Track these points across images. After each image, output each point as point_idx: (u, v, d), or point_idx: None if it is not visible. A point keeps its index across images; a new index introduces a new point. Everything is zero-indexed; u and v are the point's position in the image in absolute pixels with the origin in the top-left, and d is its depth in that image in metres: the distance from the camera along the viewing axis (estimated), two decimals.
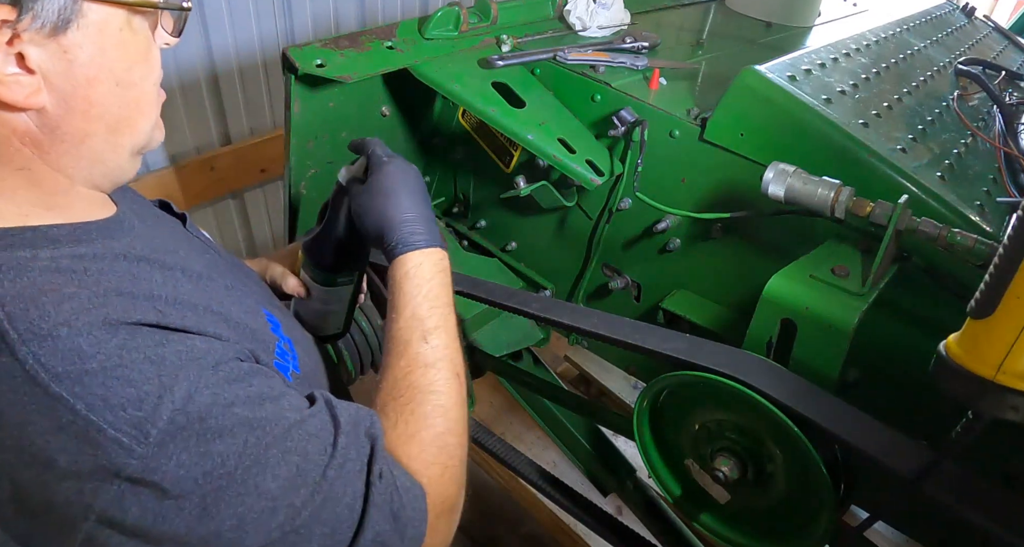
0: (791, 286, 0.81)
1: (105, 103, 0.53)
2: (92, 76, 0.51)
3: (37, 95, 0.49)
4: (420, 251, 0.70)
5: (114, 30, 0.51)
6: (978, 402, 0.57)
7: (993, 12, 3.10)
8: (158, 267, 0.55)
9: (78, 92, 0.51)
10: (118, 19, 0.51)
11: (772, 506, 0.87)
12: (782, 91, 0.93)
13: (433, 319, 0.68)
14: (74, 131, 0.52)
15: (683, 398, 0.90)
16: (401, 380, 0.64)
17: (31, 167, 0.52)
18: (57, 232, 0.52)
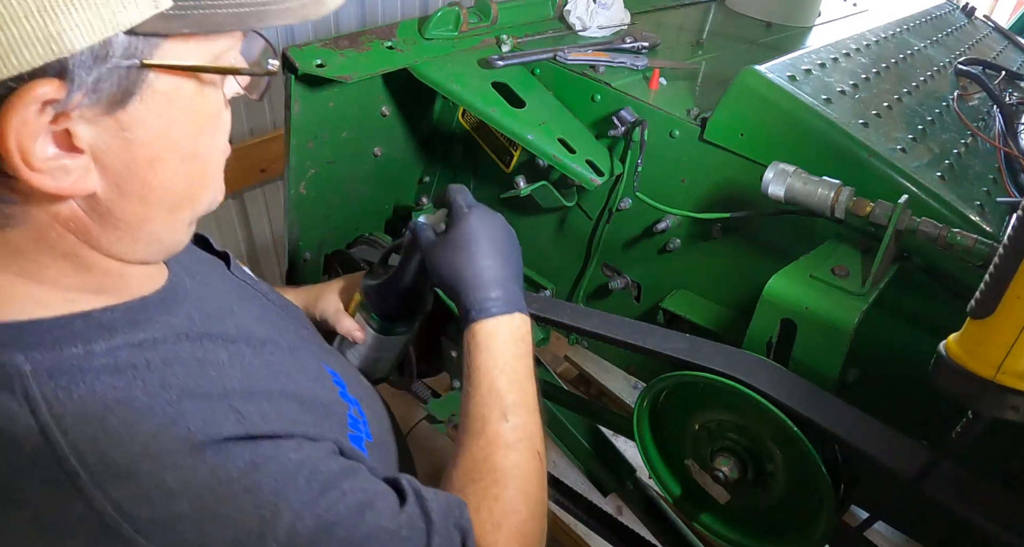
0: (791, 286, 0.81)
1: (167, 184, 0.44)
2: (154, 155, 0.42)
3: (85, 180, 0.40)
4: (495, 319, 0.65)
5: (185, 99, 0.42)
6: (978, 402, 0.56)
7: (993, 12, 3.10)
8: (221, 342, 0.50)
9: (136, 175, 0.42)
10: (190, 86, 0.42)
11: (772, 506, 0.87)
12: (782, 91, 0.93)
13: (512, 394, 0.63)
14: (129, 216, 0.44)
15: (683, 398, 0.90)
16: (481, 462, 0.60)
17: (78, 253, 0.44)
18: (110, 317, 0.45)
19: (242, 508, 0.43)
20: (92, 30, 0.34)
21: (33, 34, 0.33)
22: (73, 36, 0.34)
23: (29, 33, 0.33)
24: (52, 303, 0.44)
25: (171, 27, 0.37)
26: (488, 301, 0.65)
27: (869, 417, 0.72)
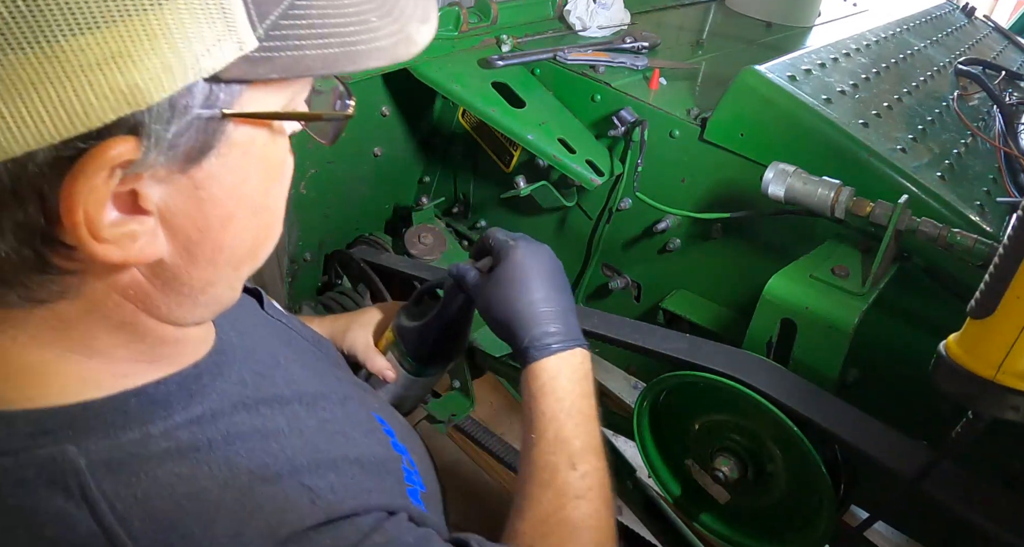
0: (791, 286, 0.81)
1: (237, 242, 0.39)
2: (227, 214, 0.37)
3: (152, 246, 0.35)
4: (557, 357, 0.61)
5: (259, 149, 0.37)
6: (978, 402, 0.56)
7: (993, 12, 3.10)
8: (277, 406, 0.47)
9: (208, 237, 0.37)
10: (264, 135, 0.37)
11: (772, 506, 0.87)
12: (782, 91, 0.93)
13: (579, 439, 0.60)
14: (195, 280, 0.39)
15: (683, 398, 0.90)
16: (552, 516, 0.57)
17: (134, 322, 0.39)
18: (166, 392, 0.41)
19: None
20: (172, 78, 0.29)
21: (107, 84, 0.28)
22: (152, 85, 0.29)
23: (102, 83, 0.28)
24: (103, 381, 0.39)
25: (257, 72, 0.32)
26: (547, 337, 0.61)
27: (869, 417, 0.72)
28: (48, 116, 0.28)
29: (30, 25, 0.26)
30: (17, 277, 0.33)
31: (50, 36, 0.27)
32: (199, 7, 0.29)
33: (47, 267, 0.33)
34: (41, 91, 0.27)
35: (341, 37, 0.34)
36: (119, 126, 0.30)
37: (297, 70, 0.33)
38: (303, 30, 0.33)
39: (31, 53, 0.26)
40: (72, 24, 0.27)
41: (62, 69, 0.27)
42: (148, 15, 0.28)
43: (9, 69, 0.27)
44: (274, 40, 0.32)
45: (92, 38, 0.27)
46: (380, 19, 0.36)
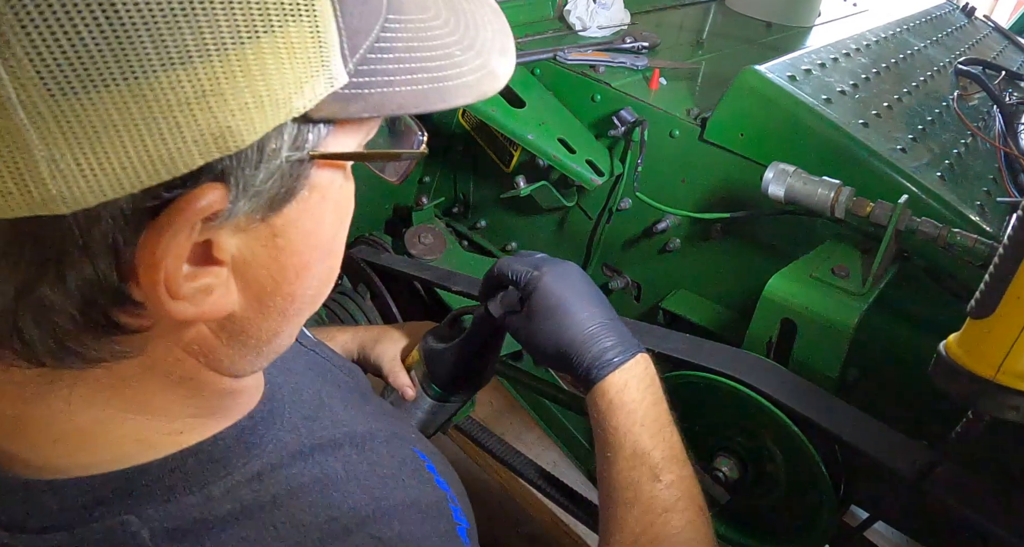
0: (791, 286, 0.81)
1: (307, 292, 0.37)
2: (303, 263, 0.34)
3: (225, 300, 0.32)
4: (621, 369, 0.59)
5: (335, 191, 0.34)
6: (978, 402, 0.56)
7: (993, 12, 3.10)
8: (331, 451, 0.45)
9: (282, 288, 0.34)
10: (340, 176, 0.34)
11: (772, 506, 0.87)
12: (782, 91, 0.93)
13: (659, 449, 0.57)
14: (263, 333, 0.36)
15: (683, 398, 0.90)
16: (642, 536, 0.54)
17: (195, 377, 0.36)
18: (223, 447, 0.38)
19: None
20: (265, 118, 0.26)
21: (197, 126, 0.25)
22: (244, 127, 0.26)
23: (192, 124, 0.25)
24: (159, 441, 0.36)
25: (348, 111, 0.29)
26: (606, 353, 0.59)
27: (869, 417, 0.72)
28: (131, 162, 0.24)
29: (118, 58, 0.23)
30: (78, 338, 0.29)
31: (139, 71, 0.23)
32: (297, 39, 0.26)
33: (113, 328, 0.30)
34: (124, 134, 0.24)
35: (429, 72, 0.32)
36: (206, 172, 0.26)
37: (389, 108, 0.30)
38: (391, 65, 0.30)
39: (115, 91, 0.23)
40: (164, 58, 0.23)
41: (149, 109, 0.24)
42: (245, 49, 0.25)
43: (90, 109, 0.23)
44: (364, 75, 0.29)
45: (184, 74, 0.24)
46: (464, 53, 0.34)
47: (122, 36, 0.22)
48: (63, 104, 0.22)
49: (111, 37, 0.22)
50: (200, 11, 0.24)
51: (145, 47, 0.23)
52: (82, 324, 0.28)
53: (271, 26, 0.25)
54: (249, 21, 0.25)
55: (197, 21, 0.24)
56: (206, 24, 0.24)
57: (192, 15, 0.23)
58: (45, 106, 0.22)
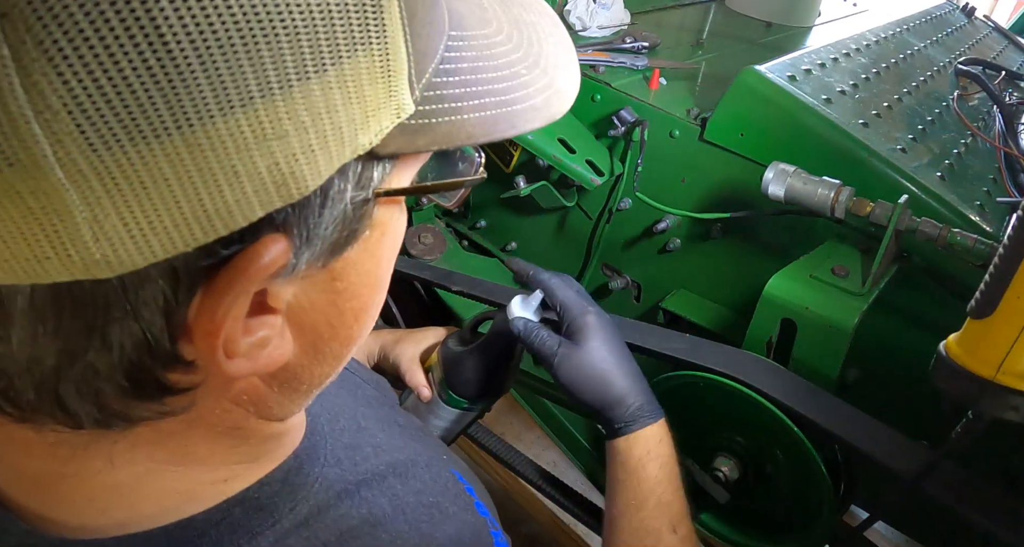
0: (791, 286, 0.81)
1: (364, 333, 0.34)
2: (363, 305, 0.32)
3: (279, 351, 0.28)
4: (658, 424, 0.64)
5: (393, 226, 0.31)
6: (978, 402, 0.56)
7: (993, 12, 3.10)
8: (376, 485, 0.43)
9: (339, 333, 0.32)
10: (399, 208, 0.31)
11: (772, 506, 0.87)
12: (782, 91, 0.93)
13: (677, 503, 0.62)
14: (315, 378, 0.34)
15: (683, 398, 0.90)
16: None
17: (242, 426, 0.34)
18: (269, 493, 0.36)
19: None
20: (330, 159, 0.23)
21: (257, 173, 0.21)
22: (308, 171, 0.23)
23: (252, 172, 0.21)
24: (202, 492, 0.34)
25: (416, 144, 0.26)
26: (648, 404, 0.65)
27: (869, 417, 0.72)
28: (184, 218, 0.21)
29: (171, 104, 0.19)
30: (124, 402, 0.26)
31: (194, 118, 0.20)
32: (366, 69, 0.23)
33: (163, 390, 0.27)
34: (177, 188, 0.20)
35: (496, 95, 0.28)
36: (266, 224, 0.23)
37: (458, 139, 0.27)
38: (458, 89, 0.27)
39: (167, 141, 0.19)
40: (223, 101, 0.20)
41: (205, 159, 0.20)
42: (311, 84, 0.21)
43: (139, 163, 0.19)
44: (430, 102, 0.26)
45: (244, 117, 0.20)
46: (529, 71, 0.31)
47: (176, 79, 0.19)
48: (107, 159, 0.19)
49: (163, 81, 0.19)
50: (264, 44, 0.20)
51: (202, 90, 0.19)
52: (129, 390, 0.25)
53: (339, 57, 0.22)
54: (317, 53, 0.21)
55: (260, 56, 0.20)
56: (270, 59, 0.20)
57: (255, 49, 0.20)
58: (86, 162, 0.19)
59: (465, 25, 0.29)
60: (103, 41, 0.17)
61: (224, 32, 0.19)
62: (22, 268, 0.20)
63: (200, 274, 0.23)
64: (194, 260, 0.23)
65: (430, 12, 0.26)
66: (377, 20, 0.23)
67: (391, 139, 0.25)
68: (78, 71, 0.17)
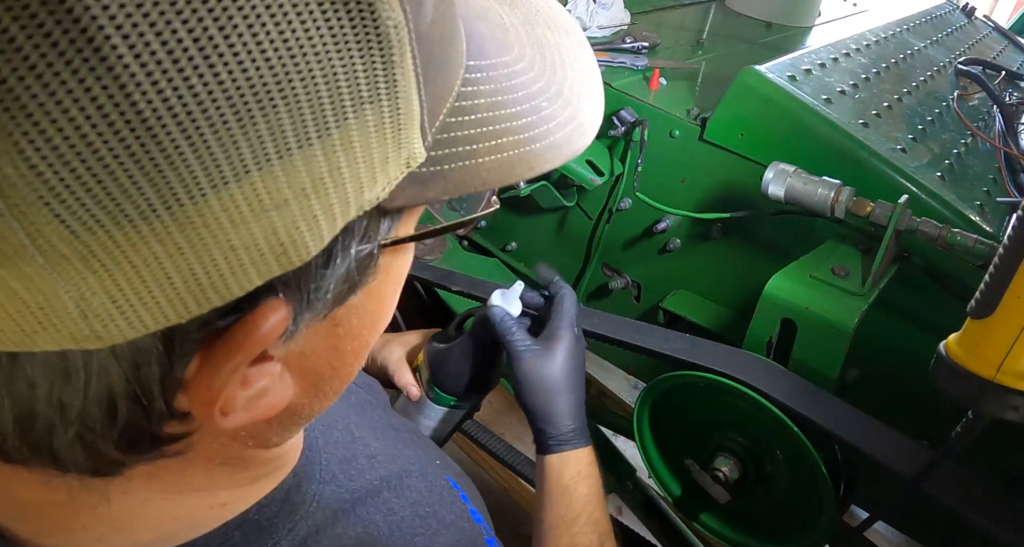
0: (791, 286, 0.81)
1: (360, 365, 0.34)
2: (363, 344, 0.31)
3: (278, 397, 0.27)
4: (588, 448, 0.68)
5: (398, 267, 0.30)
6: (978, 402, 0.56)
7: (993, 12, 3.10)
8: (370, 501, 0.42)
9: (340, 372, 0.31)
10: (406, 249, 0.30)
11: (772, 506, 0.87)
12: (782, 91, 0.93)
13: (604, 521, 0.67)
14: (314, 412, 0.33)
15: (683, 398, 0.90)
16: None
17: (240, 456, 0.33)
18: (268, 514, 0.36)
19: None
20: (333, 221, 0.21)
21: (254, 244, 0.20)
22: (310, 236, 0.21)
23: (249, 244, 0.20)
24: (202, 518, 0.33)
25: (426, 196, 0.24)
26: (579, 431, 0.68)
27: (869, 417, 0.72)
28: (176, 293, 0.20)
29: (156, 186, 0.18)
30: (122, 454, 0.26)
31: (183, 196, 0.18)
32: (374, 126, 0.21)
33: (158, 441, 0.26)
34: (168, 264, 0.19)
35: (515, 133, 0.26)
36: (265, 290, 0.22)
37: (471, 186, 0.25)
38: (474, 129, 0.25)
39: (155, 221, 0.18)
40: (216, 177, 0.18)
41: (197, 235, 0.19)
42: (313, 149, 0.20)
43: (125, 244, 0.18)
44: (443, 146, 0.24)
45: (239, 190, 0.19)
46: (551, 104, 0.28)
47: (159, 158, 0.17)
48: (90, 242, 0.18)
49: (145, 161, 0.17)
50: (260, 116, 0.18)
51: (191, 168, 0.18)
52: (125, 446, 0.25)
53: (344, 118, 0.20)
54: (320, 117, 0.19)
55: (256, 128, 0.18)
56: (267, 130, 0.18)
57: (250, 122, 0.18)
58: (68, 247, 0.18)
59: (485, 52, 0.27)
60: (73, 123, 0.16)
61: (213, 106, 0.17)
62: (11, 339, 0.19)
63: (196, 342, 0.22)
64: (189, 331, 0.22)
65: (448, 49, 0.24)
66: (387, 75, 0.20)
67: (400, 191, 0.23)
68: (49, 158, 0.16)
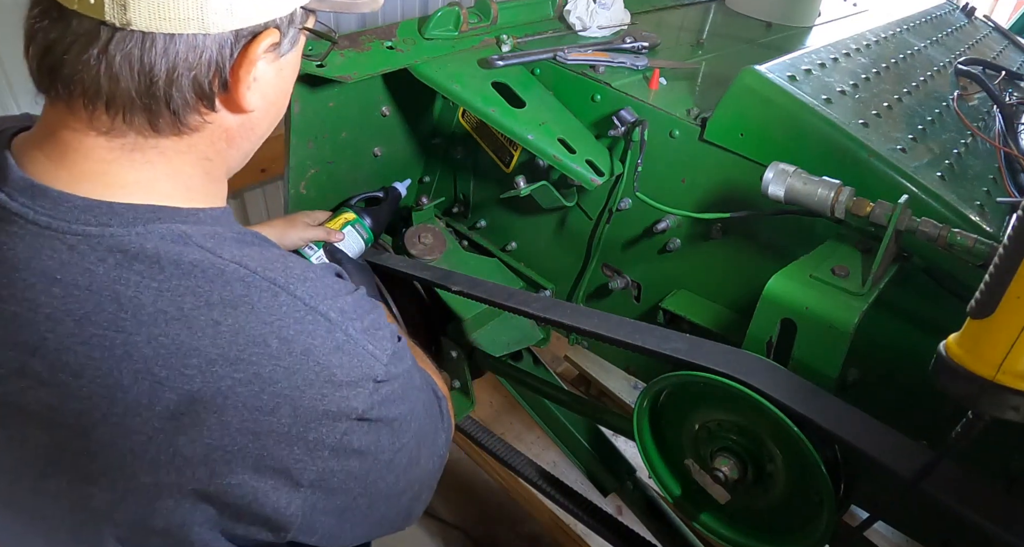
0: (791, 286, 0.81)
1: (281, 109, 0.61)
2: (284, 90, 0.59)
3: (255, 99, 0.54)
4: None
5: (298, 53, 0.59)
6: (978, 402, 0.56)
7: (993, 12, 3.10)
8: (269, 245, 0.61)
9: (276, 103, 0.59)
10: (301, 44, 0.59)
11: (772, 506, 0.87)
12: (782, 91, 0.93)
13: None
14: (259, 134, 0.60)
15: (683, 398, 0.90)
16: None
17: (213, 159, 0.57)
18: (218, 215, 0.57)
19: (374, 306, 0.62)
20: (293, 2, 0.53)
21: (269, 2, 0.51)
22: (289, 3, 0.53)
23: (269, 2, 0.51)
24: (177, 198, 0.54)
25: (321, 4, 0.57)
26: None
27: (869, 417, 0.72)
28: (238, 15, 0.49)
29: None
30: (191, 109, 0.52)
31: None
32: None
33: (210, 104, 0.53)
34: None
35: None
36: (270, 26, 0.52)
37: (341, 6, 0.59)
38: None
39: None
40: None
41: None
42: None
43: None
44: None
45: None
46: None
47: None
48: None
49: None
50: None
51: None
52: (190, 101, 0.51)
53: None
54: None
55: None
56: None
57: None
58: None
59: None
60: None
61: None
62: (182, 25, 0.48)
63: (244, 39, 0.52)
64: (244, 35, 0.51)
65: None
66: None
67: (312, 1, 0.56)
68: None
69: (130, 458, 0.50)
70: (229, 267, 0.52)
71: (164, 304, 0.49)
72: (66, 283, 0.49)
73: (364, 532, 0.63)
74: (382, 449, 0.58)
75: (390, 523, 0.66)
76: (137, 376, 0.49)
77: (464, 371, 1.24)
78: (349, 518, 0.59)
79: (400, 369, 0.59)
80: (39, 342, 0.49)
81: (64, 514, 0.53)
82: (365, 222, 1.18)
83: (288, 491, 0.53)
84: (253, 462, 0.51)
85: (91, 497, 0.51)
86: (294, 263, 0.56)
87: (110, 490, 0.51)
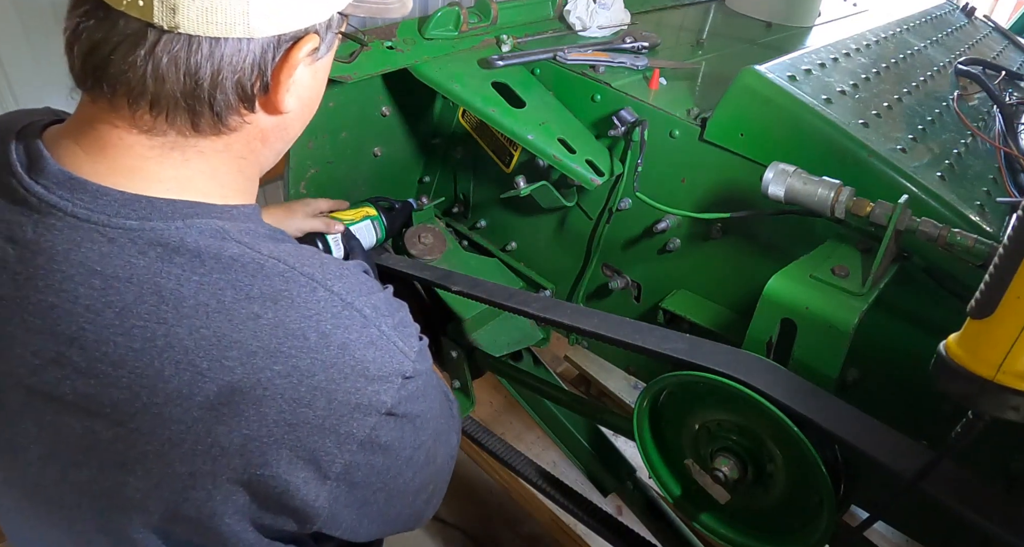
0: (791, 286, 0.81)
1: (314, 110, 0.63)
2: (318, 93, 0.61)
3: (292, 102, 0.56)
4: None
5: (334, 52, 0.60)
6: (978, 402, 0.56)
7: (993, 12, 3.10)
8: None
9: (310, 105, 0.61)
10: (337, 44, 0.60)
11: (772, 506, 0.87)
12: (782, 91, 0.93)
13: None
14: (292, 134, 0.62)
15: (683, 398, 0.90)
16: None
17: (247, 158, 0.58)
18: (249, 211, 0.58)
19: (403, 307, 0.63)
20: (331, 8, 0.54)
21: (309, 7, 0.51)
22: (325, 11, 0.53)
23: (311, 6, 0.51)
24: (213, 196, 0.55)
25: (356, 10, 0.57)
26: None
27: (869, 417, 0.72)
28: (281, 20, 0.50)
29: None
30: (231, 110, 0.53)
31: None
32: None
33: (250, 106, 0.54)
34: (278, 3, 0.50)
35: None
36: (310, 31, 0.53)
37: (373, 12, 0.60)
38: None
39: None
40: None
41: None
42: None
43: None
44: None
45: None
46: None
47: None
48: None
49: None
50: None
51: None
52: (231, 103, 0.52)
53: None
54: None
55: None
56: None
57: None
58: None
59: None
60: None
61: None
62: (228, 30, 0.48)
63: (287, 43, 0.52)
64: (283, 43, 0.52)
65: None
66: None
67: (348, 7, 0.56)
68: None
69: (168, 447, 0.50)
70: (268, 262, 0.53)
71: (205, 297, 0.50)
72: (106, 275, 0.50)
73: (377, 528, 0.64)
74: (404, 445, 0.59)
75: (404, 521, 0.67)
76: (178, 367, 0.50)
77: (464, 371, 1.25)
78: (367, 513, 0.60)
79: (424, 367, 0.60)
80: (77, 332, 0.50)
81: (91, 502, 0.53)
82: (383, 221, 1.20)
83: (317, 484, 0.54)
84: (287, 453, 0.52)
85: (124, 485, 0.52)
86: (329, 260, 0.57)
87: (145, 478, 0.51)
